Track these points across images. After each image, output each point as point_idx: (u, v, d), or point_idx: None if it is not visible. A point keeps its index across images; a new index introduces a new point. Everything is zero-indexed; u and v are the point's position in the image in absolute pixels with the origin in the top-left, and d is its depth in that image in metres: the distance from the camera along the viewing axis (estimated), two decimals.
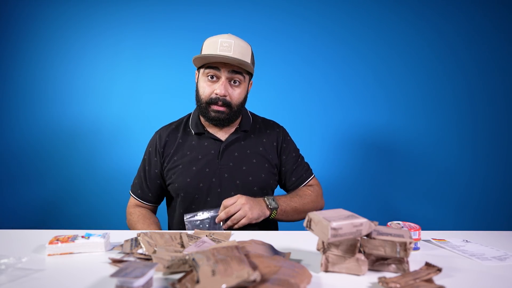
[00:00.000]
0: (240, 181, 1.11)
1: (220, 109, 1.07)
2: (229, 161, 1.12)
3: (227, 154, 1.13)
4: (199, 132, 1.15)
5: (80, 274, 0.60)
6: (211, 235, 0.81)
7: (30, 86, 1.92)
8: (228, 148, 1.14)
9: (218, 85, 1.06)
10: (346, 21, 1.98)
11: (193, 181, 1.10)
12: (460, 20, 1.95)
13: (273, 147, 1.19)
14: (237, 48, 1.06)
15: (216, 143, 1.14)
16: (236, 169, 1.12)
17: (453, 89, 1.97)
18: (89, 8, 1.92)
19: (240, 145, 1.15)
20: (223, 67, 1.06)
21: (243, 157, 1.14)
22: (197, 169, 1.11)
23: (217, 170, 1.11)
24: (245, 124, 1.19)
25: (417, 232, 0.78)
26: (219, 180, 1.11)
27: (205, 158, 1.12)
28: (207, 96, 1.08)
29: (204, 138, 1.15)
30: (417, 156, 1.98)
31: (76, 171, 1.93)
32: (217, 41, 1.07)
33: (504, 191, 1.95)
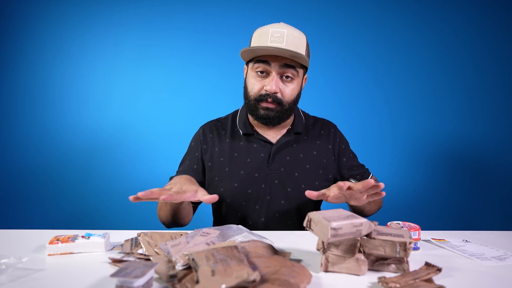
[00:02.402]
0: (291, 189, 1.02)
1: (270, 106, 0.97)
2: (280, 166, 1.02)
3: (278, 158, 1.03)
4: (248, 132, 1.05)
5: (80, 274, 0.60)
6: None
7: (30, 86, 1.92)
8: (279, 151, 1.04)
9: (268, 80, 0.96)
10: (345, 21, 1.98)
11: (241, 187, 1.01)
12: (459, 21, 1.95)
13: (329, 151, 1.09)
14: (290, 38, 0.93)
15: (266, 146, 1.04)
16: (287, 176, 1.02)
17: (452, 89, 1.97)
18: (89, 8, 1.92)
19: (292, 149, 1.05)
20: (274, 61, 0.94)
21: (296, 162, 1.03)
22: (246, 174, 1.01)
23: (267, 175, 1.02)
24: (298, 125, 1.08)
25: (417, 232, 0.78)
26: (269, 187, 1.01)
27: (254, 162, 1.02)
28: (256, 93, 0.97)
29: (253, 140, 1.05)
30: (418, 155, 1.98)
31: (76, 171, 1.93)
32: (267, 31, 0.94)
33: (504, 191, 1.95)
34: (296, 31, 0.97)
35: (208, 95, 1.97)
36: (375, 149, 1.97)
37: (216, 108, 1.94)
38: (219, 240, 0.69)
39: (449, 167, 1.97)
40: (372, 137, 1.98)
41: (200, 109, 1.95)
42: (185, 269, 0.58)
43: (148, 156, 1.95)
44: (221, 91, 1.96)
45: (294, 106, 1.02)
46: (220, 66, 1.96)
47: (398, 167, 1.97)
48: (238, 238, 0.70)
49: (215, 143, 1.08)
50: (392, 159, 1.98)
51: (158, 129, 1.96)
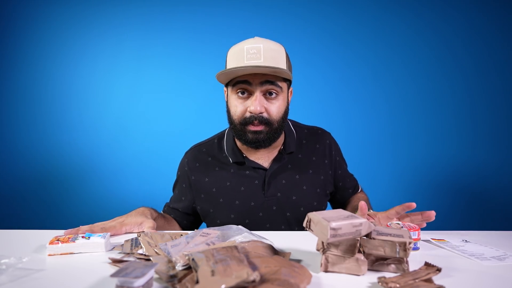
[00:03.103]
0: (290, 213, 0.98)
1: (258, 128, 0.90)
2: (276, 191, 0.98)
3: (274, 184, 0.98)
4: (238, 161, 1.00)
5: (80, 274, 0.60)
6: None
7: (30, 86, 1.92)
8: (274, 177, 0.99)
9: (251, 101, 0.89)
10: (345, 21, 1.98)
11: (238, 218, 0.97)
12: (459, 21, 1.96)
13: (325, 166, 1.04)
14: (267, 52, 0.87)
15: (259, 172, 0.99)
16: (285, 200, 0.98)
17: (452, 89, 1.97)
18: (89, 8, 1.93)
19: (287, 171, 0.99)
20: (254, 79, 0.88)
21: (292, 185, 0.99)
22: (241, 203, 0.97)
23: (264, 203, 0.97)
24: (290, 143, 1.02)
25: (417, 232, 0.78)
26: (266, 214, 0.97)
27: (248, 190, 0.98)
28: (240, 116, 0.91)
29: (244, 167, 1.00)
30: (417, 156, 1.98)
31: (76, 171, 1.93)
32: (242, 48, 0.88)
33: (504, 191, 1.95)
34: (273, 43, 0.91)
35: (208, 95, 1.97)
36: (375, 149, 1.97)
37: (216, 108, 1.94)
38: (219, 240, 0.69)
39: (449, 167, 1.97)
40: (372, 137, 1.98)
41: (200, 109, 1.96)
42: (185, 269, 0.58)
43: (148, 156, 1.95)
44: (221, 91, 1.96)
45: (283, 123, 0.95)
46: (220, 66, 1.95)
47: (398, 167, 1.97)
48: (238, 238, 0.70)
49: (203, 173, 1.02)
50: (392, 159, 1.98)
51: (158, 129, 1.96)
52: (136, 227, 0.84)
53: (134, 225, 0.84)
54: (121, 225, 0.82)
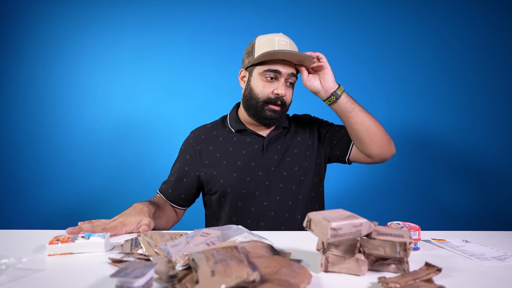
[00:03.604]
0: (286, 172, 1.12)
1: (277, 108, 1.08)
2: (274, 154, 1.13)
3: (271, 148, 1.14)
4: (240, 128, 1.15)
5: (80, 274, 0.60)
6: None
7: (30, 86, 1.92)
8: (271, 143, 1.15)
9: (278, 85, 1.06)
10: (345, 21, 1.98)
11: (240, 176, 1.10)
12: (459, 21, 1.95)
13: (310, 133, 1.20)
14: (293, 47, 1.08)
15: (258, 139, 1.15)
16: (281, 161, 1.13)
17: (452, 89, 1.97)
18: (89, 8, 1.93)
19: (281, 139, 1.17)
20: (284, 69, 1.05)
21: (286, 149, 1.15)
22: (243, 163, 1.11)
23: (263, 164, 1.11)
24: (284, 121, 1.20)
25: (417, 232, 0.78)
26: (266, 173, 1.11)
27: (249, 153, 1.12)
28: (266, 95, 1.07)
29: (245, 134, 1.16)
30: (417, 155, 1.98)
31: (76, 171, 1.93)
32: (273, 39, 1.06)
33: (504, 191, 1.95)
34: (292, 41, 1.10)
35: (208, 95, 1.97)
36: None
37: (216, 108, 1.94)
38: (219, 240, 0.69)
39: (449, 167, 1.97)
40: None
41: (200, 109, 1.95)
42: (185, 269, 0.58)
43: (148, 156, 1.95)
44: (221, 91, 1.96)
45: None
46: (220, 66, 1.96)
47: (398, 167, 1.97)
48: (238, 238, 0.70)
49: (208, 142, 1.16)
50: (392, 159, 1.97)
51: (158, 129, 1.96)
52: (136, 226, 0.87)
53: (134, 224, 0.87)
54: (122, 225, 0.85)
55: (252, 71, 1.10)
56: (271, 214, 1.09)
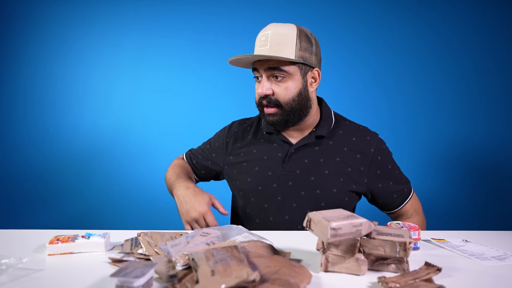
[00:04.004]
0: (305, 193, 0.97)
1: (270, 111, 0.96)
2: (296, 168, 0.98)
3: (295, 160, 0.99)
4: (269, 131, 1.05)
5: (80, 274, 0.60)
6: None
7: (30, 86, 1.92)
8: (297, 152, 1.00)
9: (259, 84, 0.97)
10: (345, 21, 1.98)
11: (252, 182, 1.01)
12: (459, 21, 1.95)
13: (357, 160, 0.99)
14: (274, 38, 0.91)
15: (284, 146, 1.02)
16: (303, 178, 0.98)
17: (452, 89, 1.97)
18: (90, 8, 1.93)
19: (313, 151, 1.00)
20: (260, 66, 0.95)
21: (314, 166, 0.98)
22: (260, 170, 1.01)
23: (281, 175, 0.99)
24: (323, 128, 1.01)
25: (417, 232, 0.78)
26: (280, 187, 0.98)
27: (270, 160, 1.01)
28: (256, 99, 0.99)
29: (274, 139, 1.04)
30: (417, 155, 1.98)
31: (76, 171, 1.93)
32: (257, 36, 0.97)
33: (504, 191, 1.95)
34: (284, 27, 0.92)
35: (208, 95, 1.97)
36: None
37: (216, 108, 1.94)
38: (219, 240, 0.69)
39: (449, 167, 1.97)
40: None
41: (200, 109, 1.95)
42: (185, 269, 0.58)
43: (148, 156, 1.95)
44: (221, 91, 1.96)
45: (299, 106, 0.96)
46: (220, 66, 1.96)
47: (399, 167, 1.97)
48: (238, 238, 0.70)
49: (238, 138, 1.10)
50: None
51: (158, 129, 1.96)
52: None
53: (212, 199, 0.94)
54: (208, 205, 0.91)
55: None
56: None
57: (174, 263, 0.59)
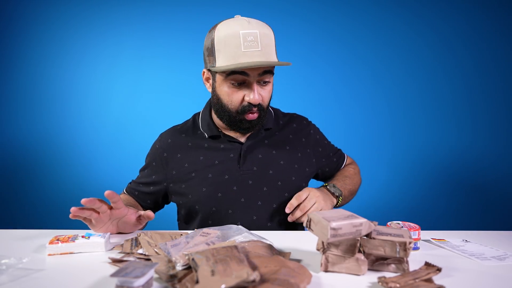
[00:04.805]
0: (267, 188, 0.95)
1: (255, 116, 0.90)
2: (253, 166, 0.96)
3: (250, 158, 0.96)
4: (214, 135, 0.98)
5: (80, 274, 0.60)
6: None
7: (30, 86, 1.93)
8: (250, 150, 0.97)
9: (248, 90, 0.88)
10: (345, 21, 1.98)
11: (210, 191, 0.94)
12: (459, 21, 1.96)
13: (303, 144, 1.03)
14: (263, 40, 0.84)
15: (234, 146, 0.97)
16: (262, 174, 0.95)
17: (452, 89, 1.97)
18: (90, 8, 1.93)
19: (264, 145, 0.99)
20: (253, 71, 0.85)
21: (269, 160, 0.97)
22: (214, 176, 0.94)
23: (238, 176, 0.95)
24: (269, 120, 1.02)
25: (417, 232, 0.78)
26: (241, 188, 0.94)
27: (223, 163, 0.95)
28: (237, 106, 0.89)
29: (219, 141, 0.99)
30: (417, 155, 1.98)
31: (76, 171, 1.93)
32: (237, 34, 0.83)
33: (504, 191, 1.95)
34: (264, 26, 0.88)
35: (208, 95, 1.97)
36: (375, 149, 1.97)
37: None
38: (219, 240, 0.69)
39: (449, 167, 1.97)
40: (372, 137, 1.98)
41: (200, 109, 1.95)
42: (185, 269, 0.58)
43: None
44: None
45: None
46: None
47: (398, 167, 1.97)
48: (238, 238, 0.70)
49: (176, 148, 1.00)
50: (391, 159, 1.98)
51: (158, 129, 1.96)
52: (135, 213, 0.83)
53: (133, 211, 0.84)
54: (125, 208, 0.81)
55: (215, 75, 0.91)
56: None
57: (174, 263, 0.59)
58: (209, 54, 0.90)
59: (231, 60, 0.84)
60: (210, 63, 0.90)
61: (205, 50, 0.93)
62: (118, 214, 0.79)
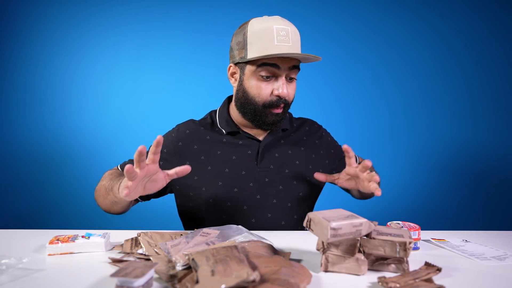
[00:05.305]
0: (283, 187, 0.96)
1: (279, 111, 0.92)
2: (270, 164, 0.96)
3: (267, 156, 0.97)
4: (233, 131, 0.98)
5: (80, 274, 0.60)
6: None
7: (30, 86, 1.92)
8: (268, 149, 0.98)
9: (278, 84, 0.90)
10: (345, 21, 1.98)
11: (226, 186, 0.93)
12: (459, 21, 1.96)
13: (316, 146, 1.06)
14: (294, 36, 0.89)
15: (253, 143, 0.98)
16: (278, 173, 0.96)
17: (452, 89, 1.97)
18: (89, 8, 1.93)
19: (280, 145, 1.00)
20: (283, 64, 0.88)
21: (285, 159, 0.98)
22: (231, 172, 0.94)
23: (256, 173, 0.95)
24: (285, 122, 1.03)
25: (417, 232, 0.78)
26: (258, 186, 0.95)
27: (240, 159, 0.95)
28: (265, 99, 0.90)
29: (238, 137, 0.99)
30: (418, 155, 1.98)
31: (76, 171, 1.93)
32: (271, 28, 0.87)
33: (504, 191, 1.95)
34: (292, 25, 0.92)
35: (208, 95, 1.97)
36: (375, 149, 1.97)
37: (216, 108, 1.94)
38: (219, 240, 0.69)
39: (449, 167, 1.97)
40: (372, 137, 1.98)
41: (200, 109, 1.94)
42: (185, 269, 0.58)
43: None
44: (221, 91, 1.96)
45: None
46: (220, 66, 1.96)
47: (398, 167, 1.97)
48: (238, 238, 0.70)
49: (193, 140, 0.99)
50: (392, 159, 1.98)
51: (157, 129, 1.96)
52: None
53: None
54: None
55: (243, 68, 0.93)
56: None
57: (174, 263, 0.59)
58: (240, 47, 0.92)
59: (264, 51, 0.87)
60: (240, 55, 0.92)
61: (234, 45, 0.96)
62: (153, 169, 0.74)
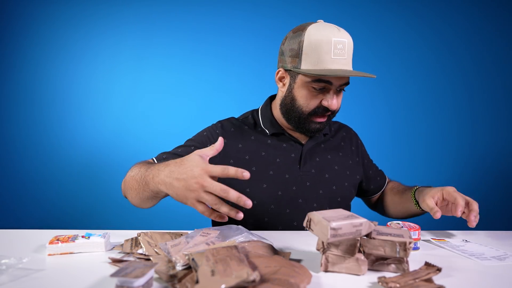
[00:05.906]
0: (323, 191, 0.97)
1: (323, 120, 0.93)
2: (311, 168, 0.98)
3: (309, 160, 0.98)
4: (277, 132, 0.98)
5: (80, 274, 0.60)
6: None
7: (30, 86, 1.92)
8: (310, 153, 0.99)
9: (328, 96, 0.89)
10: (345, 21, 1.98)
11: (271, 188, 0.93)
12: (459, 21, 1.96)
13: (353, 152, 1.07)
14: (349, 49, 0.91)
15: (296, 146, 0.99)
16: (319, 177, 0.97)
17: (452, 89, 1.97)
18: (90, 8, 1.93)
19: (321, 149, 1.02)
20: (337, 81, 0.88)
21: (325, 164, 0.99)
22: (275, 174, 0.94)
23: (298, 177, 0.96)
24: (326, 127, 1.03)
25: (417, 232, 0.78)
26: (300, 189, 0.95)
27: (284, 162, 0.96)
28: (312, 108, 0.91)
29: (282, 139, 0.99)
30: (417, 155, 1.98)
31: (76, 171, 1.93)
32: (330, 40, 0.86)
33: (504, 191, 1.95)
34: (349, 36, 0.93)
35: (208, 95, 1.97)
36: (375, 149, 1.96)
37: (216, 108, 1.94)
38: (219, 240, 0.69)
39: (449, 167, 1.97)
40: (371, 136, 1.97)
41: (200, 109, 1.95)
42: (185, 269, 0.58)
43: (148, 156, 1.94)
44: (221, 91, 1.96)
45: None
46: (220, 66, 1.96)
47: (398, 167, 1.97)
48: (238, 238, 0.70)
49: (237, 138, 0.98)
50: (391, 159, 1.98)
51: (158, 129, 1.96)
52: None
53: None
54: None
55: (295, 77, 0.91)
56: None
57: (174, 263, 0.59)
58: (294, 55, 0.90)
59: (320, 65, 0.86)
60: (292, 63, 0.90)
61: (286, 51, 0.93)
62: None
